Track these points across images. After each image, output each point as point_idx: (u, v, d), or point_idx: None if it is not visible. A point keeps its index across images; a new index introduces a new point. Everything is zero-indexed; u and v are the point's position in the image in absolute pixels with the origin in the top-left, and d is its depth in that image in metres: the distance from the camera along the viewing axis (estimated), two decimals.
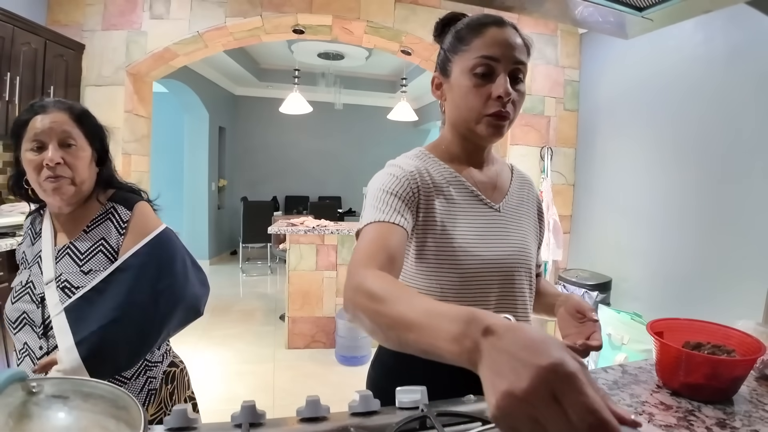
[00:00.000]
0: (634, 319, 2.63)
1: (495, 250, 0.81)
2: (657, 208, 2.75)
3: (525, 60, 0.77)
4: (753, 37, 2.16)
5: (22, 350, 0.91)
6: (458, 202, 0.82)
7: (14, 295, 0.93)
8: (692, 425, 0.66)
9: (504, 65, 0.74)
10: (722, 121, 2.33)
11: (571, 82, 3.53)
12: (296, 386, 2.72)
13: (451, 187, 0.82)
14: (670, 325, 0.88)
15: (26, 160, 0.87)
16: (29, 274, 0.93)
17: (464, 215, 0.81)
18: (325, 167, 7.63)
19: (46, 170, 0.86)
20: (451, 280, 0.78)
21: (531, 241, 0.87)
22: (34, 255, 0.95)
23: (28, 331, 0.89)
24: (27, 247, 0.97)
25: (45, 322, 0.88)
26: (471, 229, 0.81)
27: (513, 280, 0.82)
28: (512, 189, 0.88)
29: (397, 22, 3.16)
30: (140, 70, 3.11)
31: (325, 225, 3.32)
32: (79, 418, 0.58)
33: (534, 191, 0.94)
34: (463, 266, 0.78)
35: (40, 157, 0.86)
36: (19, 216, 2.37)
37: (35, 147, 0.87)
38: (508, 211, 0.86)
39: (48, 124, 0.87)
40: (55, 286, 0.88)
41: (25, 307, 0.90)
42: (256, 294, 4.83)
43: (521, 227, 0.86)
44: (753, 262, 2.13)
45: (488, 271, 0.79)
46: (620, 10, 1.04)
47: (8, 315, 0.91)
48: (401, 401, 0.67)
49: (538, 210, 0.94)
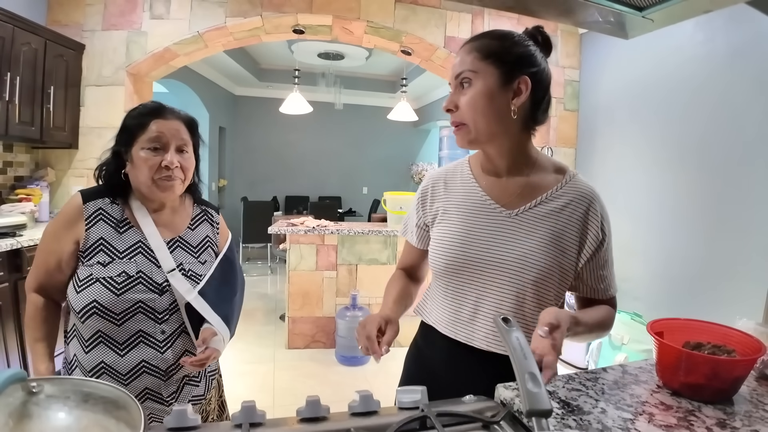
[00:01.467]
0: (634, 319, 2.63)
1: (484, 251, 0.85)
2: (657, 208, 2.75)
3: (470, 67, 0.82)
4: (753, 37, 2.16)
5: (134, 338, 0.95)
6: (463, 204, 0.90)
7: (118, 287, 0.92)
8: (692, 425, 0.66)
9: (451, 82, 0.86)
10: (722, 121, 2.33)
11: (571, 82, 3.53)
12: (296, 386, 2.71)
13: (461, 188, 0.92)
14: (670, 325, 0.88)
15: (141, 158, 0.95)
16: (138, 266, 0.96)
17: (463, 216, 0.88)
18: (325, 167, 7.63)
19: (162, 170, 0.96)
20: (438, 267, 0.90)
21: (545, 251, 0.82)
22: (128, 245, 0.97)
23: (142, 319, 0.95)
24: (109, 235, 0.96)
25: (170, 307, 0.98)
26: (465, 228, 0.87)
27: (498, 282, 0.84)
28: (546, 198, 0.86)
29: (397, 22, 3.16)
30: (140, 70, 3.11)
31: (325, 225, 3.32)
32: (79, 418, 0.58)
33: (588, 210, 0.86)
34: (444, 259, 0.88)
35: (158, 158, 0.96)
36: (20, 216, 2.37)
37: (153, 148, 0.96)
38: (528, 218, 0.85)
39: (170, 130, 0.97)
40: (179, 274, 0.99)
41: (141, 296, 0.94)
42: (256, 294, 4.83)
43: (536, 236, 0.83)
44: (753, 262, 2.13)
45: (466, 269, 0.86)
46: (620, 10, 1.04)
47: (107, 305, 0.92)
48: (401, 401, 0.67)
49: (582, 228, 0.85)
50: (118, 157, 0.99)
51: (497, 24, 3.36)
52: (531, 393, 0.57)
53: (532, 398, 0.56)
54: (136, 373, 0.95)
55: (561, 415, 0.68)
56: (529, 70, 0.81)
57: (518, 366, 0.59)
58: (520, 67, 0.81)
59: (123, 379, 0.94)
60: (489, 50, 0.81)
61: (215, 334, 1.00)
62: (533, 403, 0.56)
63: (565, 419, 0.67)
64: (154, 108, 0.99)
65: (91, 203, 0.97)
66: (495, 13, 3.36)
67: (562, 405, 0.71)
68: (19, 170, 2.94)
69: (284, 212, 6.68)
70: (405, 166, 7.81)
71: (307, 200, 6.92)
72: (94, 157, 3.03)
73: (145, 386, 0.97)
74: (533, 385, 0.57)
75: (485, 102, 0.80)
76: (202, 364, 0.96)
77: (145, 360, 0.96)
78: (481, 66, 0.81)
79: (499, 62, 0.80)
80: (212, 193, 6.10)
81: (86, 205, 0.96)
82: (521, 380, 0.58)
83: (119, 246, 0.96)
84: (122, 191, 1.01)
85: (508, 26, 3.37)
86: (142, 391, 0.97)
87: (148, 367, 0.96)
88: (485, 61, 0.81)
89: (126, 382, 0.94)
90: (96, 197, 0.98)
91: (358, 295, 3.17)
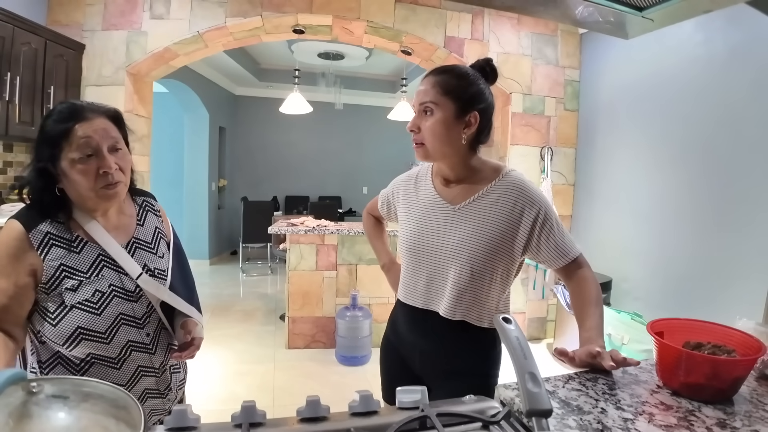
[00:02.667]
0: (634, 319, 2.63)
1: (434, 237, 1.06)
2: (657, 207, 2.75)
3: (433, 99, 0.99)
4: (753, 37, 2.16)
5: (124, 349, 0.94)
6: (419, 202, 1.13)
7: (96, 306, 0.89)
8: (692, 425, 0.66)
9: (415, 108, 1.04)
10: (722, 121, 2.33)
11: (571, 82, 3.53)
12: (296, 386, 2.71)
13: (421, 191, 1.14)
14: (670, 325, 0.88)
15: (76, 170, 0.86)
16: (108, 280, 0.92)
17: (421, 212, 1.11)
18: (325, 167, 7.62)
19: (102, 178, 0.88)
20: (402, 251, 1.14)
21: (487, 237, 1.00)
22: (91, 262, 0.92)
23: (126, 330, 0.94)
24: (67, 258, 0.90)
25: (148, 311, 0.98)
26: (420, 221, 1.10)
27: (443, 260, 1.04)
28: (483, 194, 1.04)
29: (397, 22, 3.16)
30: (140, 70, 3.11)
31: (325, 225, 3.32)
32: (79, 418, 0.58)
33: (518, 196, 1.01)
34: (406, 244, 1.11)
35: (93, 165, 0.87)
36: None
37: (85, 155, 0.86)
38: (467, 211, 1.04)
39: (96, 131, 0.88)
40: (147, 275, 0.97)
41: (119, 309, 0.93)
42: (256, 294, 4.83)
43: (472, 224, 1.02)
44: (753, 261, 2.13)
45: (420, 251, 1.08)
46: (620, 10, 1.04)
47: (92, 328, 0.89)
48: (401, 401, 0.66)
49: (514, 212, 1.01)
50: (45, 173, 0.87)
51: (497, 24, 3.37)
52: (531, 393, 0.57)
53: (532, 398, 0.56)
54: (135, 379, 0.97)
55: (561, 415, 0.68)
56: (479, 107, 1.01)
57: (518, 366, 0.59)
58: (472, 103, 1.00)
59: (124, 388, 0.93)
60: (449, 87, 0.99)
61: (196, 324, 1.04)
62: (533, 403, 0.56)
63: (565, 419, 0.67)
64: (72, 110, 0.88)
65: (35, 230, 0.87)
66: (495, 13, 3.36)
67: (562, 405, 0.71)
68: (19, 170, 2.94)
69: (284, 212, 6.68)
70: (405, 166, 7.78)
71: (307, 200, 6.92)
72: None
73: (144, 388, 0.99)
74: (533, 385, 0.57)
75: (442, 130, 0.99)
76: (191, 355, 0.99)
77: (140, 365, 0.97)
78: (442, 99, 0.99)
79: (456, 98, 0.99)
80: (212, 193, 6.09)
81: (31, 233, 0.87)
82: (521, 380, 0.58)
83: (81, 266, 0.90)
84: (60, 208, 0.91)
85: (508, 26, 3.38)
86: (142, 393, 0.99)
87: (145, 370, 0.98)
88: (445, 96, 0.99)
89: (127, 390, 0.92)
90: (37, 222, 0.88)
91: (358, 295, 3.17)
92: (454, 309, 1.03)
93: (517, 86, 3.41)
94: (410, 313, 1.11)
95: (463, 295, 1.02)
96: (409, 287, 1.12)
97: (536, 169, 3.47)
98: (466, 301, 1.02)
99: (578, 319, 0.99)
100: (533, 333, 3.60)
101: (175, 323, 1.05)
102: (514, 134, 3.43)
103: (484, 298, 1.03)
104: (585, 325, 0.95)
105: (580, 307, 1.00)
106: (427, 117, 1.00)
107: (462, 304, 1.02)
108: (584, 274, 1.03)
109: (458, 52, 3.29)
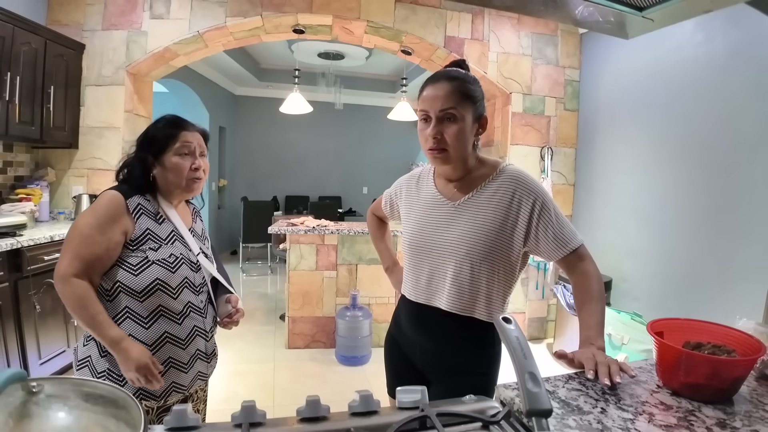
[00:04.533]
0: (634, 319, 2.63)
1: (435, 234, 1.08)
2: (657, 208, 2.75)
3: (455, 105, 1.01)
4: (753, 37, 2.16)
5: (185, 308, 1.15)
6: (421, 200, 1.16)
7: (171, 265, 1.13)
8: (692, 425, 0.66)
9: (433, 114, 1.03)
10: (722, 121, 2.33)
11: (571, 82, 3.53)
12: (296, 386, 2.71)
13: (422, 190, 1.17)
14: (670, 325, 0.88)
15: (175, 163, 1.15)
16: (179, 249, 1.16)
17: (423, 210, 1.14)
18: (325, 167, 7.62)
19: (192, 172, 1.17)
20: (405, 248, 1.16)
21: (486, 230, 1.02)
22: (167, 233, 1.16)
23: (189, 293, 1.16)
24: (152, 225, 1.13)
25: (202, 282, 1.22)
26: (421, 219, 1.13)
27: (444, 256, 1.06)
28: (481, 189, 1.06)
29: (397, 22, 3.16)
30: (140, 69, 3.11)
31: (325, 225, 3.32)
32: (79, 418, 0.58)
33: (516, 188, 1.03)
34: (408, 241, 1.14)
35: (188, 162, 1.17)
36: (20, 216, 2.37)
37: (183, 153, 1.16)
38: (466, 207, 1.06)
39: (195, 139, 1.20)
40: (202, 255, 1.24)
41: (186, 273, 1.16)
42: (256, 294, 4.83)
43: (471, 219, 1.04)
44: (753, 262, 2.13)
45: (422, 248, 1.10)
46: (620, 10, 1.04)
47: (167, 281, 1.11)
48: (401, 401, 0.66)
49: (513, 204, 1.03)
50: (145, 162, 1.16)
51: (497, 23, 3.36)
52: (531, 393, 0.57)
53: (532, 398, 0.56)
54: (192, 338, 1.16)
55: (561, 415, 0.68)
56: (485, 108, 1.07)
57: (518, 366, 0.59)
58: (482, 106, 1.06)
59: (182, 344, 1.14)
60: (467, 93, 1.02)
61: (238, 299, 1.32)
62: (533, 403, 0.56)
63: (565, 419, 0.67)
64: (180, 121, 1.20)
65: (131, 200, 1.12)
66: (495, 13, 3.36)
67: (562, 405, 0.71)
68: (19, 170, 2.94)
69: (284, 212, 6.68)
70: (405, 166, 7.78)
71: (307, 200, 6.91)
72: (94, 157, 3.03)
73: (197, 348, 1.18)
74: (533, 385, 0.57)
75: (467, 135, 1.03)
76: (238, 321, 1.29)
77: (196, 326, 1.18)
78: (463, 105, 1.01)
79: (473, 103, 1.03)
80: (212, 193, 6.09)
81: (128, 201, 1.11)
82: (521, 380, 0.58)
83: (161, 234, 1.14)
84: (149, 189, 1.17)
85: (509, 26, 3.38)
86: (194, 353, 1.18)
87: (199, 331, 1.19)
88: (465, 102, 1.01)
89: (184, 347, 1.14)
90: (132, 194, 1.13)
91: (358, 295, 3.17)
92: (455, 303, 1.04)
93: (517, 86, 3.41)
94: (413, 309, 1.14)
95: (464, 290, 1.03)
96: (412, 283, 1.14)
97: (536, 169, 3.47)
98: (467, 296, 1.03)
99: (579, 315, 0.99)
100: (533, 333, 3.60)
101: (218, 301, 1.29)
102: (514, 134, 3.43)
103: (486, 292, 1.03)
104: (585, 324, 0.95)
105: (580, 303, 1.00)
106: (450, 124, 1.01)
107: (463, 299, 1.03)
108: (585, 268, 1.02)
109: (458, 52, 3.29)
